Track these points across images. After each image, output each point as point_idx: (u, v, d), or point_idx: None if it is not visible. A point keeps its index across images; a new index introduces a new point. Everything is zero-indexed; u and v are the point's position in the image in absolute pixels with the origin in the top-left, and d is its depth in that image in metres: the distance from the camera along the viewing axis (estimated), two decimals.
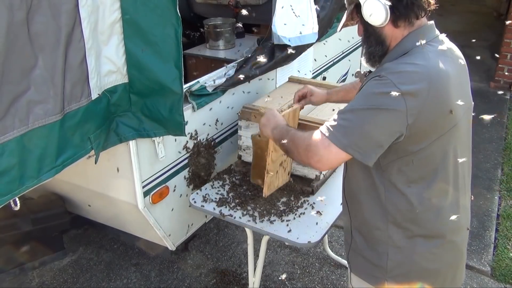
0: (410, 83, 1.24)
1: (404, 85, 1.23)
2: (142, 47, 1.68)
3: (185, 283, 2.81)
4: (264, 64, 2.53)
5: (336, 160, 1.34)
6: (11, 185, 1.38)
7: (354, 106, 1.31)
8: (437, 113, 1.29)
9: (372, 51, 1.42)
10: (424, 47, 1.32)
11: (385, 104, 1.24)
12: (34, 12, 1.30)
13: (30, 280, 2.83)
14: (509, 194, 3.66)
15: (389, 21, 1.33)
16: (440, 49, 1.35)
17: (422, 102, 1.25)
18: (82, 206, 2.57)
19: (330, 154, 1.31)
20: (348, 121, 1.30)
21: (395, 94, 1.22)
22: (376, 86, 1.28)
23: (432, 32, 1.39)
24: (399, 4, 1.31)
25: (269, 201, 2.15)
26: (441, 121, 1.32)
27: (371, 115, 1.26)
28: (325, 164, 1.36)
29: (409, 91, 1.23)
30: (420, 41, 1.32)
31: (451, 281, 1.56)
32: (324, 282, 2.82)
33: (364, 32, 1.44)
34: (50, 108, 1.42)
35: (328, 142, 1.30)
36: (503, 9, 7.92)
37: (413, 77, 1.25)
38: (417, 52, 1.32)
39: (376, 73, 1.32)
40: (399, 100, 1.23)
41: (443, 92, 1.29)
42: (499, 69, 5.72)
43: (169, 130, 1.90)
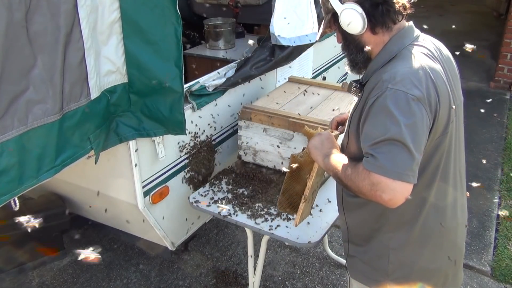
0: (417, 87, 1.23)
1: (414, 90, 1.22)
2: (142, 46, 1.68)
3: (185, 283, 2.81)
4: (264, 64, 2.54)
5: (407, 191, 1.23)
6: (11, 185, 1.38)
7: (385, 134, 1.22)
8: (445, 109, 1.30)
9: (354, 58, 1.43)
10: (410, 48, 1.34)
11: (409, 115, 1.21)
12: (33, 12, 1.30)
13: (30, 280, 2.83)
14: (509, 194, 3.66)
15: (367, 28, 1.35)
16: (424, 47, 1.36)
17: (435, 101, 1.26)
18: (82, 206, 2.57)
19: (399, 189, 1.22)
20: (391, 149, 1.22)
21: (412, 102, 1.21)
22: (392, 103, 1.23)
23: (412, 33, 1.40)
24: (375, 12, 1.33)
25: (269, 201, 2.15)
26: (447, 118, 1.33)
27: (409, 133, 1.20)
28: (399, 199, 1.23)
29: (420, 96, 1.22)
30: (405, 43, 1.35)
31: (452, 280, 1.56)
32: (324, 282, 2.82)
33: (343, 41, 1.45)
34: (49, 108, 1.41)
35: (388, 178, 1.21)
36: (503, 9, 7.93)
37: (418, 80, 1.24)
38: (405, 55, 1.32)
39: (380, 89, 1.26)
40: (418, 105, 1.22)
41: (443, 88, 1.30)
42: (499, 69, 5.72)
43: (169, 129, 1.90)
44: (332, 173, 1.41)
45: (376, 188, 1.23)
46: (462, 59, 1.85)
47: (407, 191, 1.23)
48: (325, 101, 2.43)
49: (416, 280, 1.48)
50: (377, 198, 1.24)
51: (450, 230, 1.48)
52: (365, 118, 1.30)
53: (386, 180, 1.21)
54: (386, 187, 1.21)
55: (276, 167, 2.32)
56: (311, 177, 1.61)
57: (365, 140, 1.29)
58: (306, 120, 2.15)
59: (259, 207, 2.11)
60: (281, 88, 2.65)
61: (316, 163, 1.54)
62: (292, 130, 2.18)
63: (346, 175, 1.33)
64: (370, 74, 1.39)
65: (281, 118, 2.20)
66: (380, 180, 1.21)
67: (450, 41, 1.56)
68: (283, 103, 2.38)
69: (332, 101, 2.42)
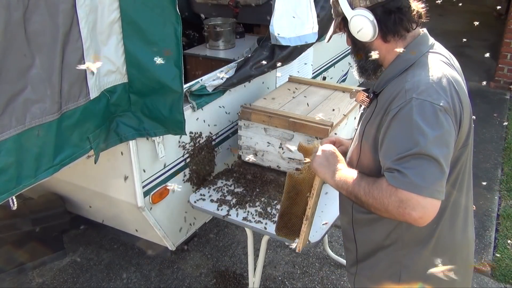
0: (443, 96, 1.17)
1: (440, 100, 1.17)
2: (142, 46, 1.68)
3: (185, 283, 2.81)
4: (264, 64, 2.54)
5: (435, 208, 1.16)
6: (9, 184, 1.37)
7: (412, 148, 1.14)
8: (467, 119, 1.26)
9: (363, 65, 1.37)
10: (428, 56, 1.29)
11: (440, 128, 1.15)
12: (31, 11, 1.30)
13: (30, 280, 2.83)
14: (509, 194, 3.65)
15: (378, 36, 1.29)
16: (442, 55, 1.32)
17: (459, 111, 1.21)
18: (82, 206, 2.57)
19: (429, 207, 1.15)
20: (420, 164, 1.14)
21: (440, 113, 1.15)
22: (419, 115, 1.16)
23: (428, 40, 1.34)
24: (388, 20, 1.27)
25: (269, 201, 2.15)
26: (468, 128, 1.28)
27: (438, 146, 1.14)
28: (429, 216, 1.16)
29: (447, 106, 1.17)
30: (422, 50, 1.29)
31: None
32: (324, 282, 2.81)
33: (353, 45, 1.39)
34: (47, 107, 1.41)
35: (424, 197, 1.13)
36: (503, 9, 7.93)
37: (443, 89, 1.19)
38: (425, 63, 1.26)
39: (404, 99, 1.19)
40: (445, 116, 1.16)
41: (465, 97, 1.25)
42: (499, 69, 5.72)
43: (169, 129, 1.90)
44: (346, 191, 1.30)
45: (405, 206, 1.14)
46: (462, 59, 1.85)
47: (437, 208, 1.15)
48: (325, 101, 2.43)
49: None
50: (406, 216, 1.15)
51: (462, 245, 1.45)
52: (386, 131, 1.22)
53: (416, 197, 1.12)
54: (417, 204, 1.13)
55: (276, 167, 2.31)
56: (311, 195, 1.49)
57: (388, 155, 1.20)
58: (306, 120, 2.15)
59: (259, 207, 2.10)
60: (281, 88, 2.65)
61: (316, 179, 1.45)
62: (292, 130, 2.18)
63: (366, 192, 1.23)
64: (384, 83, 1.32)
65: (281, 118, 2.20)
66: (410, 197, 1.13)
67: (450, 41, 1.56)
68: (283, 103, 2.38)
69: (332, 101, 2.42)
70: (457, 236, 1.42)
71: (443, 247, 1.39)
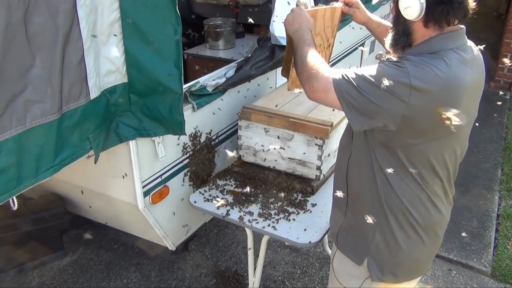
0: (423, 81, 1.25)
1: (417, 80, 1.25)
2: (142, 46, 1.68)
3: (185, 283, 2.81)
4: (264, 64, 2.54)
5: (327, 102, 1.41)
6: (9, 184, 1.37)
7: (368, 75, 1.31)
8: (438, 117, 1.30)
9: (397, 39, 1.43)
10: (450, 53, 1.32)
11: (392, 89, 1.26)
12: (31, 12, 1.30)
13: (30, 280, 2.83)
14: (509, 194, 3.65)
15: (421, 19, 1.34)
16: (464, 58, 1.34)
17: (426, 103, 1.27)
18: (82, 206, 2.57)
19: (326, 97, 1.38)
20: (357, 83, 1.32)
21: (405, 86, 1.25)
22: (392, 69, 1.29)
23: (461, 39, 1.38)
24: (436, 8, 1.31)
25: (269, 202, 2.15)
26: (440, 126, 1.32)
27: (376, 91, 1.29)
28: (316, 99, 1.43)
29: (418, 88, 1.25)
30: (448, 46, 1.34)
31: (424, 266, 1.63)
32: (324, 282, 2.81)
33: (395, 18, 1.44)
34: (48, 108, 1.41)
35: (331, 87, 1.35)
36: (503, 9, 7.92)
37: (430, 78, 1.26)
38: (442, 57, 1.31)
39: (400, 58, 1.34)
40: (406, 92, 1.26)
41: (451, 102, 1.29)
42: (499, 69, 5.72)
43: (169, 129, 1.90)
44: (295, 49, 1.52)
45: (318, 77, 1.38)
46: None
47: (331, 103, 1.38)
48: None
49: (395, 265, 1.54)
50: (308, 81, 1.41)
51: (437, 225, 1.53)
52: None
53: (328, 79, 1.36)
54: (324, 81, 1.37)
55: (276, 167, 2.32)
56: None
57: None
58: (306, 120, 2.15)
59: (259, 207, 2.11)
60: (281, 88, 2.65)
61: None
62: (292, 130, 2.18)
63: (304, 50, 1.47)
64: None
65: (281, 118, 2.20)
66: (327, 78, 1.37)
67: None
68: (283, 103, 2.38)
69: None
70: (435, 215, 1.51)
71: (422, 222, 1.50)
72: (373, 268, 1.56)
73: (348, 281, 1.67)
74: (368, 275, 1.59)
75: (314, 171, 2.20)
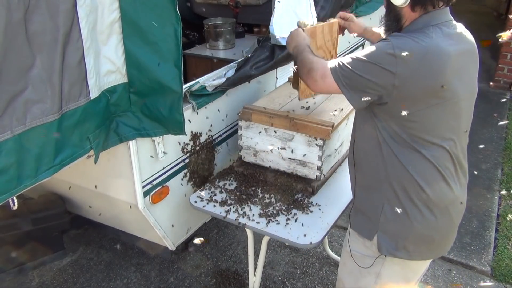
0: (406, 49, 1.39)
1: (400, 50, 1.39)
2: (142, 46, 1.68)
3: (185, 283, 2.81)
4: (264, 64, 2.53)
5: (327, 88, 1.58)
6: (9, 184, 1.37)
7: (359, 55, 1.48)
8: (426, 84, 1.41)
9: (390, 25, 1.59)
10: (431, 28, 1.45)
11: (380, 62, 1.42)
12: (31, 12, 1.30)
13: (30, 280, 2.83)
14: (509, 194, 3.66)
15: (408, 4, 1.48)
16: (447, 31, 1.47)
17: (412, 70, 1.39)
18: (82, 206, 2.57)
19: (324, 83, 1.56)
20: (349, 64, 1.49)
21: (390, 56, 1.40)
22: (379, 45, 1.45)
23: (443, 16, 1.50)
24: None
25: (270, 202, 2.15)
26: (431, 93, 1.43)
27: (366, 66, 1.45)
28: (318, 88, 1.62)
29: (403, 57, 1.38)
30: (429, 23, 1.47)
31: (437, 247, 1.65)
32: (324, 282, 2.81)
33: (386, 6, 1.59)
34: (48, 108, 1.41)
35: (328, 73, 1.54)
36: (503, 9, 7.92)
37: (411, 47, 1.40)
38: (423, 32, 1.45)
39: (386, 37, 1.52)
40: (392, 61, 1.39)
41: (436, 68, 1.41)
42: (499, 69, 5.72)
43: (169, 129, 1.90)
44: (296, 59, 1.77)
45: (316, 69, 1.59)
46: None
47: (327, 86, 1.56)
48: (325, 101, 2.43)
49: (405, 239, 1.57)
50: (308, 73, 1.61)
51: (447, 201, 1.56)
52: None
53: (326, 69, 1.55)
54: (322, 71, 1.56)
55: (276, 168, 2.31)
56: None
57: None
58: (307, 121, 2.15)
59: (260, 207, 2.10)
60: (281, 88, 2.65)
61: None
62: (293, 130, 2.18)
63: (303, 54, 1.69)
64: None
65: (281, 118, 2.20)
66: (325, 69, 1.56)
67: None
68: (284, 103, 2.38)
69: (332, 101, 2.42)
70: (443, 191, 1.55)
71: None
72: (384, 242, 1.60)
73: (362, 262, 1.72)
74: (379, 254, 1.64)
75: (315, 172, 2.20)
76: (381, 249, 1.62)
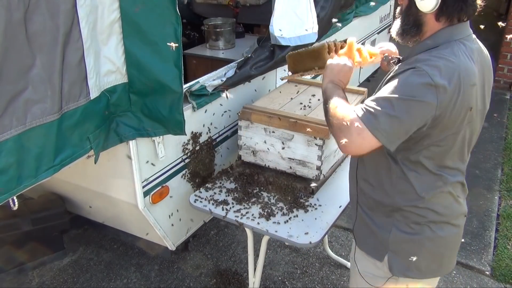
0: (443, 77, 1.27)
1: (438, 78, 1.26)
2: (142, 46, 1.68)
3: (185, 283, 2.81)
4: (264, 64, 2.53)
5: (365, 147, 1.33)
6: (9, 184, 1.38)
7: (390, 95, 1.30)
8: (460, 108, 1.33)
9: (407, 29, 1.45)
10: (456, 44, 1.36)
11: (419, 96, 1.27)
12: (32, 12, 1.30)
13: (30, 280, 2.83)
14: (509, 194, 3.66)
15: (434, 12, 1.36)
16: (470, 47, 1.38)
17: (451, 96, 1.29)
18: (82, 206, 2.57)
19: (362, 140, 1.32)
20: (383, 108, 1.30)
21: (429, 86, 1.26)
22: (412, 77, 1.30)
23: (465, 30, 1.41)
24: (451, 4, 1.34)
25: (269, 202, 2.15)
26: (462, 117, 1.35)
27: (405, 105, 1.28)
28: (352, 149, 1.36)
29: (442, 85, 1.26)
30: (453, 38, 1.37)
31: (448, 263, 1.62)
32: (324, 282, 2.81)
33: (406, 9, 1.45)
34: (48, 108, 1.41)
35: (362, 126, 1.30)
36: (503, 9, 7.92)
37: (446, 72, 1.28)
38: (448, 48, 1.35)
39: (411, 64, 1.33)
40: (432, 92, 1.26)
41: (468, 90, 1.32)
42: (499, 69, 5.72)
43: (169, 129, 1.90)
44: (324, 98, 1.50)
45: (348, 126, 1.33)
46: None
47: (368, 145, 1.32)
48: None
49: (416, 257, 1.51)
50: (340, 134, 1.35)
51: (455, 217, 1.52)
52: (386, 82, 1.39)
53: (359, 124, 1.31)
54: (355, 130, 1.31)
55: (276, 167, 2.31)
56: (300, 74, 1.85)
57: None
58: (307, 121, 2.15)
59: (259, 207, 2.10)
60: (281, 88, 2.65)
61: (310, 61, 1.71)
62: (292, 130, 2.18)
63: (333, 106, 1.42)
64: (413, 55, 1.43)
65: (281, 118, 2.20)
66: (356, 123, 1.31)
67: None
68: (283, 103, 2.38)
69: None
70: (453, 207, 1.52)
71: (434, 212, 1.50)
72: (395, 263, 1.55)
73: (374, 282, 1.65)
74: (391, 275, 1.58)
75: (314, 171, 2.20)
76: (392, 270, 1.56)
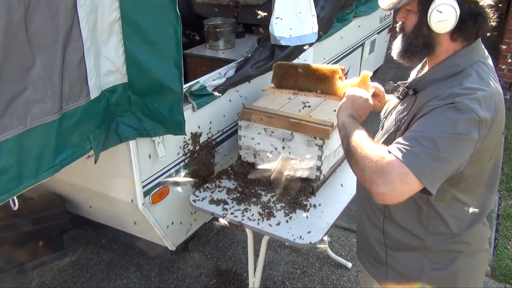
0: (484, 110, 1.16)
1: (481, 112, 1.15)
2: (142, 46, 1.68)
3: (185, 283, 2.81)
4: (264, 64, 2.53)
5: (407, 193, 1.15)
6: (10, 184, 1.37)
7: (431, 133, 1.15)
8: (496, 135, 1.26)
9: (415, 51, 1.29)
10: (479, 67, 1.24)
11: (465, 133, 1.15)
12: (32, 12, 1.30)
13: (30, 280, 2.83)
14: (509, 194, 3.65)
15: (449, 32, 1.22)
16: (490, 67, 1.28)
17: (490, 127, 1.20)
18: (82, 206, 2.57)
19: (405, 185, 1.13)
20: (427, 148, 1.14)
21: (474, 122, 1.15)
22: (454, 114, 1.15)
23: (481, 49, 1.30)
24: (470, 22, 1.21)
25: (269, 202, 2.15)
26: (496, 143, 1.28)
27: (451, 144, 1.15)
28: (392, 196, 1.14)
29: (485, 119, 1.16)
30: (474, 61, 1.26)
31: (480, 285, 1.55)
32: (324, 282, 2.81)
33: (415, 29, 1.27)
34: (48, 108, 1.41)
35: (406, 170, 1.12)
36: (503, 9, 7.92)
37: (485, 103, 1.17)
38: (473, 72, 1.23)
39: (447, 99, 1.18)
40: (476, 128, 1.15)
41: (501, 116, 1.25)
42: (499, 69, 5.71)
43: (169, 129, 1.90)
44: (344, 133, 1.32)
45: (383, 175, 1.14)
46: None
47: (410, 191, 1.15)
48: (326, 101, 2.43)
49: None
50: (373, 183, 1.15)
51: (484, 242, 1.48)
52: (417, 121, 1.22)
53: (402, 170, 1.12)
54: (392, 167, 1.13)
55: None
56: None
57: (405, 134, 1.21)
58: (307, 121, 2.15)
59: (259, 207, 2.10)
60: None
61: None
62: (292, 130, 2.18)
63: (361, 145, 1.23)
64: (427, 83, 1.30)
65: (281, 118, 2.20)
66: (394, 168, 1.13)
67: None
68: (283, 103, 2.38)
69: (332, 101, 2.41)
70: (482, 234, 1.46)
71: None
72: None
73: None
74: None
75: (314, 172, 2.20)
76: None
